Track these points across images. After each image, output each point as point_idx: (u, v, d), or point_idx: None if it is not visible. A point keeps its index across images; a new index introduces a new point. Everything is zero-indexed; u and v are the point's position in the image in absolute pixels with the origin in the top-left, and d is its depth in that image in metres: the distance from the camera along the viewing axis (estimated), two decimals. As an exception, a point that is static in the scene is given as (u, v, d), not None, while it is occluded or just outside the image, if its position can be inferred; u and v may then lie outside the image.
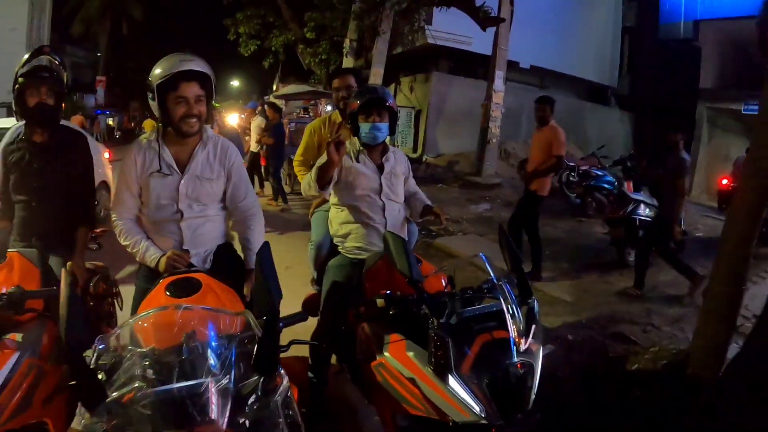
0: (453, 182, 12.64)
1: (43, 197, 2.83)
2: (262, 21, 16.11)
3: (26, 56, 2.80)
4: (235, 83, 41.78)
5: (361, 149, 2.96)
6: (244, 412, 1.38)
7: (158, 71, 2.34)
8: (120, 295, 3.20)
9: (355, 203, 2.94)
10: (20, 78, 2.73)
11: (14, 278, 2.26)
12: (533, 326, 2.02)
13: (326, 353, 2.99)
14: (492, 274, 2.12)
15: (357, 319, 2.59)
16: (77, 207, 2.98)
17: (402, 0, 11.94)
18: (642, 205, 6.48)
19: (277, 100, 17.93)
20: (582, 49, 17.67)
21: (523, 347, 1.95)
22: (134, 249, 2.47)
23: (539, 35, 15.58)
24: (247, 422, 1.38)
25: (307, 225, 4.12)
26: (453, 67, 16.79)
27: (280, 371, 1.46)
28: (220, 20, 16.85)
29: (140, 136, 2.64)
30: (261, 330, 1.48)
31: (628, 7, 19.34)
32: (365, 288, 2.68)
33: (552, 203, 10.45)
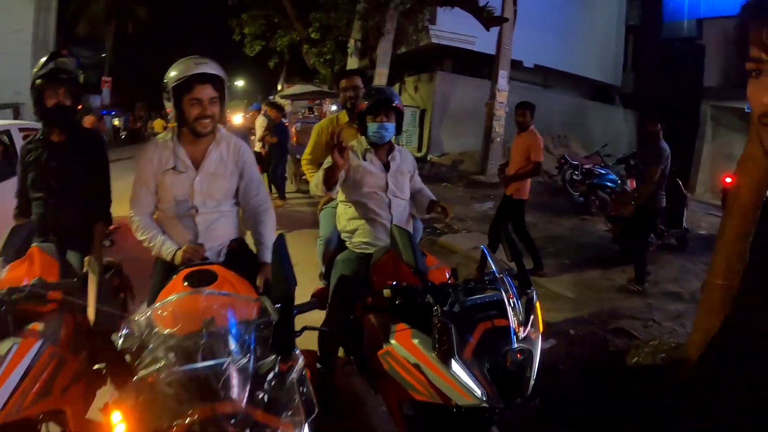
0: (457, 181, 12.69)
1: (61, 194, 2.92)
2: (267, 21, 16.14)
3: (44, 59, 2.90)
4: (240, 83, 41.76)
5: (369, 148, 3.03)
6: (262, 390, 1.47)
7: (173, 74, 2.43)
8: (132, 290, 3.31)
9: (363, 200, 3.01)
10: (38, 80, 2.83)
11: (35, 271, 2.34)
12: (532, 316, 2.12)
13: (334, 345, 3.05)
14: (493, 266, 2.21)
15: (364, 311, 2.66)
16: (94, 204, 3.08)
17: (406, 0, 11.99)
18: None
19: (283, 100, 18.00)
20: (586, 48, 17.65)
21: (523, 335, 2.02)
22: (151, 243, 2.55)
23: (543, 34, 15.59)
24: (265, 398, 1.47)
25: (315, 223, 4.21)
26: (457, 67, 16.82)
27: (296, 351, 1.57)
28: (225, 21, 16.89)
29: (156, 136, 2.74)
30: (277, 315, 1.59)
31: (632, 6, 19.29)
32: (372, 281, 2.74)
33: (556, 201, 10.55)
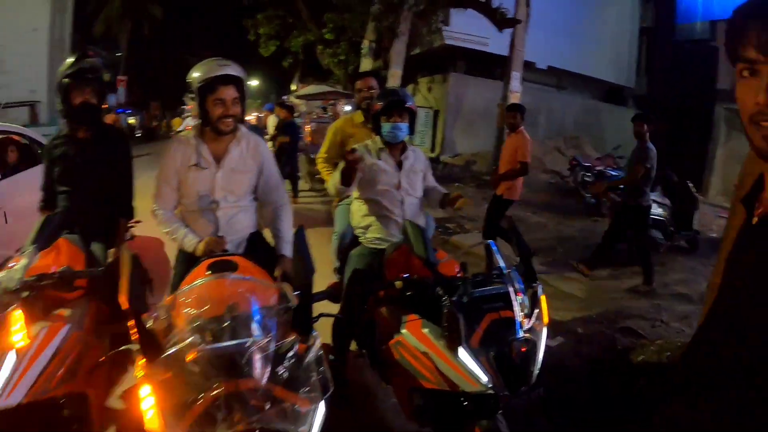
0: (470, 181, 12.73)
1: (85, 189, 3.05)
2: (282, 22, 16.24)
3: (71, 59, 3.04)
4: (254, 83, 42.06)
5: (383, 147, 3.13)
6: (282, 368, 1.58)
7: (197, 74, 2.55)
8: (152, 282, 3.45)
9: (376, 197, 3.11)
10: (65, 79, 2.97)
11: (62, 260, 2.47)
12: (537, 308, 2.21)
13: (347, 338, 3.14)
14: (500, 261, 2.31)
15: (376, 304, 2.76)
16: (117, 199, 3.22)
17: (420, 1, 12.02)
18: (654, 204, 6.59)
19: (297, 100, 18.17)
20: (599, 50, 17.61)
21: (528, 326, 2.12)
22: (174, 236, 2.67)
23: (556, 36, 15.59)
24: (284, 376, 1.58)
25: (328, 221, 4.33)
26: (470, 68, 16.84)
27: (314, 333, 1.68)
28: (240, 21, 17.03)
29: (179, 133, 2.87)
30: (296, 300, 1.70)
31: (645, 8, 19.18)
32: (385, 275, 2.83)
33: (567, 203, 10.58)
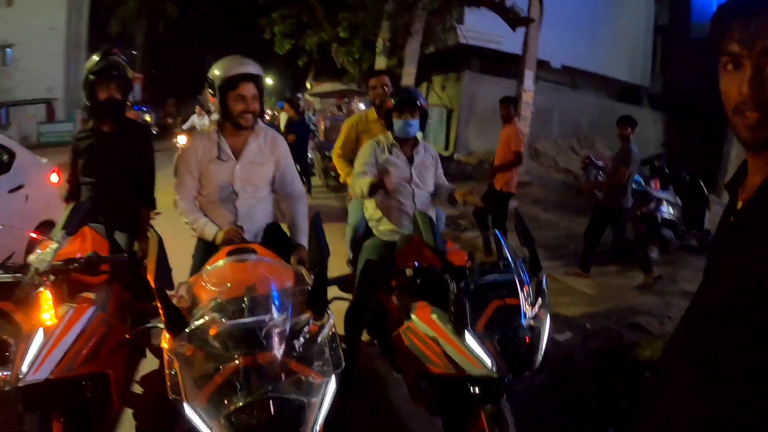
0: (483, 180, 12.67)
1: (109, 180, 3.20)
2: (297, 21, 16.29)
3: (97, 57, 3.18)
4: (269, 81, 42.26)
5: (394, 143, 3.24)
6: (297, 344, 1.70)
7: (218, 72, 2.68)
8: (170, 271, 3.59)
9: None
10: (91, 75, 3.13)
11: (87, 248, 2.61)
12: (541, 297, 2.30)
13: (359, 328, 3.26)
14: (506, 251, 2.40)
15: (387, 293, 2.87)
16: (141, 191, 3.37)
17: (434, 0, 12.11)
18: (665, 203, 6.64)
19: (312, 98, 18.31)
20: (613, 49, 17.50)
21: (532, 313, 2.21)
22: (194, 225, 2.81)
23: (570, 34, 15.50)
24: (299, 351, 1.70)
25: (341, 217, 4.44)
26: (484, 67, 16.80)
27: (328, 311, 1.79)
28: (255, 19, 17.11)
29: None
30: (311, 282, 1.82)
31: (660, 6, 19.01)
32: (397, 266, 2.90)
33: (579, 201, 10.58)
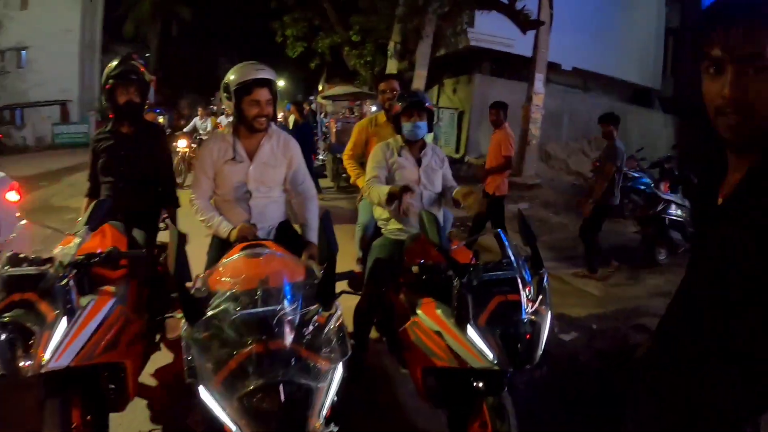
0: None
1: (128, 180, 3.35)
2: (309, 24, 16.41)
3: (116, 62, 3.33)
4: (281, 83, 42.52)
5: (403, 145, 3.35)
6: (307, 332, 1.80)
7: (234, 77, 2.80)
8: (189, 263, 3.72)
9: None
10: (111, 80, 3.27)
11: (107, 243, 2.73)
12: (542, 294, 2.38)
13: (367, 325, 3.35)
14: (508, 249, 2.48)
15: (395, 291, 2.96)
16: (161, 190, 3.53)
17: (444, 3, 12.12)
18: (673, 205, 6.66)
19: (324, 101, 18.44)
20: (625, 51, 17.42)
21: (533, 309, 2.29)
22: (209, 223, 2.93)
23: (581, 37, 15.46)
24: (308, 339, 1.80)
25: (351, 218, 4.54)
26: (495, 69, 16.83)
27: (336, 303, 1.89)
28: (267, 22, 17.23)
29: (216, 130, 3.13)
30: (321, 275, 1.92)
31: (671, 8, 18.85)
32: (405, 264, 2.98)
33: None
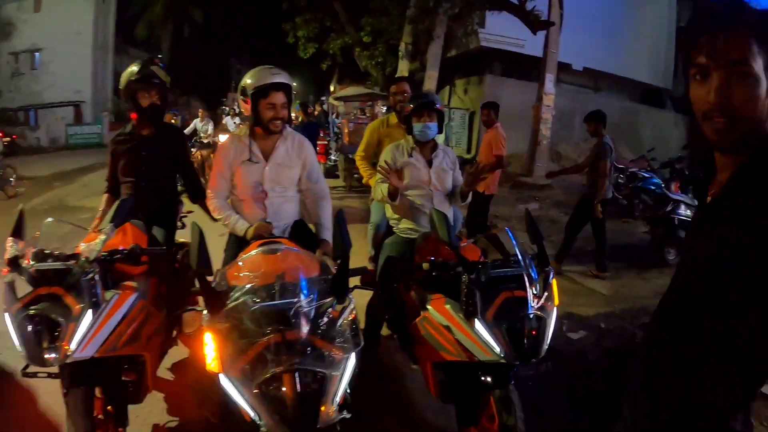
0: (504, 182, 12.74)
1: (149, 180, 3.44)
2: (320, 25, 16.47)
3: (138, 66, 3.39)
4: (293, 84, 42.56)
5: (414, 147, 3.42)
6: (321, 324, 1.90)
7: (250, 81, 2.90)
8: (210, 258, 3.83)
9: (408, 191, 3.38)
10: (133, 83, 3.37)
11: (129, 241, 2.83)
12: (547, 290, 2.45)
13: (379, 322, 3.43)
14: (515, 247, 2.55)
15: (406, 288, 3.04)
16: (188, 186, 3.67)
17: (455, 4, 12.16)
18: (683, 206, 6.68)
19: (336, 102, 18.53)
20: (636, 51, 17.42)
21: (539, 305, 2.35)
22: (226, 221, 3.04)
23: (592, 37, 15.48)
24: (323, 330, 1.89)
25: (363, 218, 4.62)
26: (506, 70, 16.88)
27: (350, 296, 1.99)
28: (278, 24, 17.30)
29: (233, 132, 3.23)
30: (335, 269, 2.01)
31: (682, 7, 18.76)
32: (416, 262, 3.06)
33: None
